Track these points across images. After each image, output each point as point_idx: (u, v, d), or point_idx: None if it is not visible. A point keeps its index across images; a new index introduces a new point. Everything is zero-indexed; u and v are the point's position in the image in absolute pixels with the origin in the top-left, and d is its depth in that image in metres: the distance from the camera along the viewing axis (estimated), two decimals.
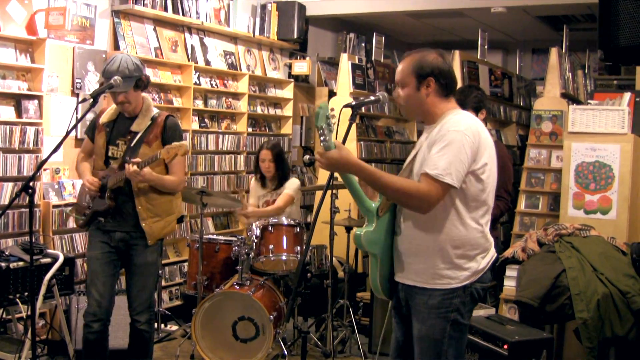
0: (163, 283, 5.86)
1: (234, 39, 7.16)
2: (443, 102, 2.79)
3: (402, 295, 2.86)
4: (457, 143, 2.61)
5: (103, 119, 3.94)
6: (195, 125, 6.49)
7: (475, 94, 4.37)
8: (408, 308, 2.83)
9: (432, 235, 2.70)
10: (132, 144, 3.84)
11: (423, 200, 2.60)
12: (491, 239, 2.81)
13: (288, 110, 7.76)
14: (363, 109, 7.36)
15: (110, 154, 3.88)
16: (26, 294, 4.27)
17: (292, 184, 5.43)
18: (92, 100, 3.62)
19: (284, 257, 4.84)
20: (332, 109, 2.67)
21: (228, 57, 7.02)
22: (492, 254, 2.80)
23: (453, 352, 2.74)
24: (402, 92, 2.82)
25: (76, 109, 4.98)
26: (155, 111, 3.95)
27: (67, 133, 3.67)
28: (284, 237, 4.90)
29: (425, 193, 2.59)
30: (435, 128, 2.73)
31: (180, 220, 4.14)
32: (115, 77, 3.67)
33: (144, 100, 3.94)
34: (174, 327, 5.65)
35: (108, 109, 4.02)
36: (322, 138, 2.64)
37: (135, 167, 3.65)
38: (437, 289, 2.70)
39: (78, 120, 3.77)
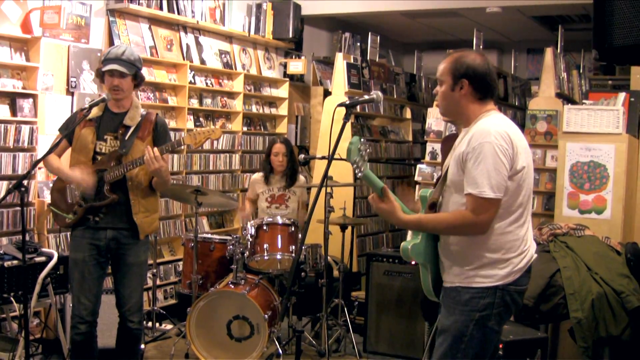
0: (158, 282, 5.85)
1: (229, 38, 7.15)
2: (477, 104, 2.77)
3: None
4: (491, 154, 2.59)
5: (90, 114, 3.85)
6: (190, 124, 6.47)
7: None
8: None
9: (468, 241, 2.69)
10: (126, 138, 3.83)
11: (474, 225, 2.61)
12: (530, 240, 2.76)
13: (283, 110, 7.76)
14: (358, 108, 7.38)
15: (97, 149, 3.84)
16: (20, 292, 4.26)
17: (304, 184, 5.62)
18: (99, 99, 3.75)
19: (278, 256, 4.85)
20: (362, 140, 2.59)
21: (223, 56, 7.01)
22: (530, 255, 2.75)
23: (472, 353, 2.70)
24: (439, 90, 2.83)
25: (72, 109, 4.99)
26: (142, 110, 3.98)
27: (63, 137, 3.72)
28: (279, 236, 4.90)
29: (472, 218, 2.59)
30: (467, 135, 2.71)
31: None
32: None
33: (133, 98, 3.96)
34: (169, 326, 5.64)
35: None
36: (356, 171, 2.60)
37: (157, 153, 3.66)
38: (468, 287, 2.70)
39: (75, 124, 3.78)
